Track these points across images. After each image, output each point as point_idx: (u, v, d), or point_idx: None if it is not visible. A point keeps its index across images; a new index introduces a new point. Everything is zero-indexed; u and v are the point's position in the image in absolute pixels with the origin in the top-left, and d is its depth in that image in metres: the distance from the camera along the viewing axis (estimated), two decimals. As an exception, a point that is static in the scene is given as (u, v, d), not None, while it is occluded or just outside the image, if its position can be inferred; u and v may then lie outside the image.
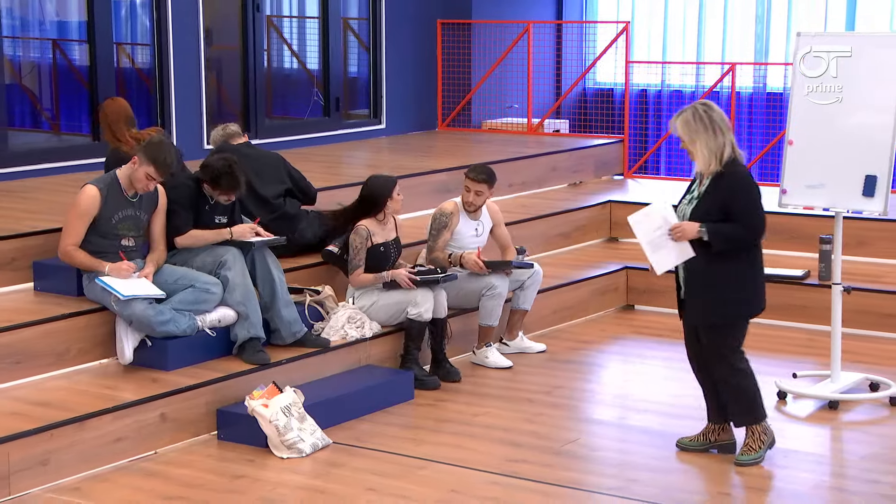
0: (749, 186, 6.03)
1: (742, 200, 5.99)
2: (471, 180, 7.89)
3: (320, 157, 10.72)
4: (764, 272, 6.27)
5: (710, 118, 5.96)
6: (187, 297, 6.77)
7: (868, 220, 9.04)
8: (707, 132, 5.96)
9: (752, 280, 6.17)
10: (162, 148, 6.71)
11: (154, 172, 6.68)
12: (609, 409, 7.23)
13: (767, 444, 6.20)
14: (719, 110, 6.04)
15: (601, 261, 9.62)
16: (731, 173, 5.99)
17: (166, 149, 6.73)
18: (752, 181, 6.09)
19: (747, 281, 6.13)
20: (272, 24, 11.57)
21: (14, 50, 9.85)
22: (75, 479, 5.93)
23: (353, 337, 7.34)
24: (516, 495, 5.78)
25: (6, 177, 9.19)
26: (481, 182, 7.86)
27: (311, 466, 6.16)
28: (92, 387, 6.45)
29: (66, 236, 6.75)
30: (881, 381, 7.33)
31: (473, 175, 7.89)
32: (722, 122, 5.99)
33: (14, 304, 6.85)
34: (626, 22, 12.30)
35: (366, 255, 7.47)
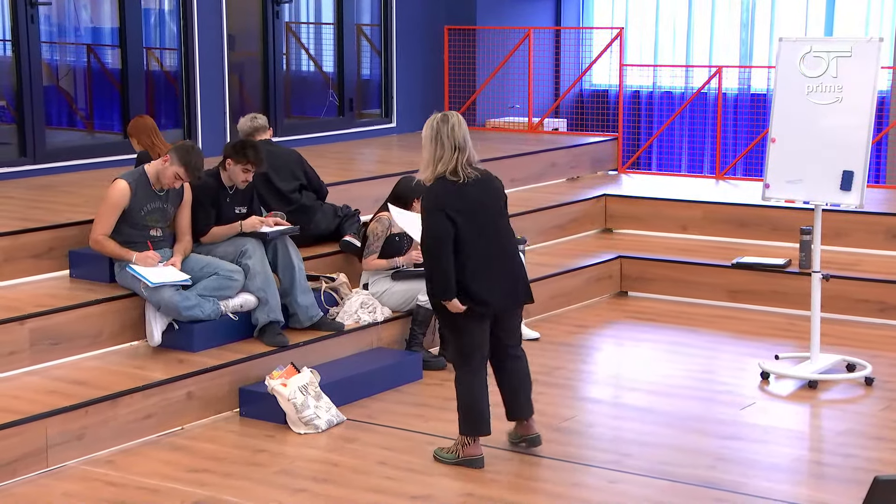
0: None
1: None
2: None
3: (334, 154, 10.71)
4: (482, 275, 5.69)
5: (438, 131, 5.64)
6: (211, 283, 6.77)
7: (845, 212, 9.02)
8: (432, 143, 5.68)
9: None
10: (193, 152, 6.75)
11: (183, 174, 6.70)
12: (604, 389, 7.22)
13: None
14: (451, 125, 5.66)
15: (596, 250, 9.60)
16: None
17: (196, 154, 6.77)
18: (427, 204, 5.68)
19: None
20: (290, 31, 11.55)
21: (52, 54, 9.84)
22: (108, 452, 5.94)
23: (366, 321, 7.33)
24: (517, 469, 5.78)
25: (44, 172, 9.19)
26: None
27: (327, 441, 6.16)
28: (124, 367, 6.46)
29: (97, 227, 6.75)
30: (857, 362, 7.32)
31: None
32: (447, 138, 5.63)
33: (51, 291, 6.85)
34: (621, 28, 12.26)
35: (382, 243, 7.47)
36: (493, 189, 5.80)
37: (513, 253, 5.86)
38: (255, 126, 8.01)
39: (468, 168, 5.67)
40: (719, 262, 9.11)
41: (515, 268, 5.87)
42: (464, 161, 5.65)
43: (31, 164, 9.15)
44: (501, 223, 5.82)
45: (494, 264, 5.75)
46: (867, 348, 7.82)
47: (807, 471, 5.88)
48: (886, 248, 9.20)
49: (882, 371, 7.30)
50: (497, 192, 5.83)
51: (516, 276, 5.85)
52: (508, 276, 5.81)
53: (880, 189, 10.90)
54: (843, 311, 8.55)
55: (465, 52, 12.65)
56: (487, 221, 5.74)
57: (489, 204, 5.75)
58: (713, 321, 8.63)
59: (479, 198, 5.70)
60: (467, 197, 5.66)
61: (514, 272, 5.85)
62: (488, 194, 5.76)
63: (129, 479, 5.61)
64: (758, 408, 6.74)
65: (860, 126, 6.87)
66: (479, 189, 5.70)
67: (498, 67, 12.48)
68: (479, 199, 5.70)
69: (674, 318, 8.71)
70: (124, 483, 5.56)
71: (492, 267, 5.74)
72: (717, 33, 13.70)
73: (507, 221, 5.87)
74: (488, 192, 5.76)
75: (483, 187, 5.73)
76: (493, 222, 5.76)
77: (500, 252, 5.78)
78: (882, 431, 6.36)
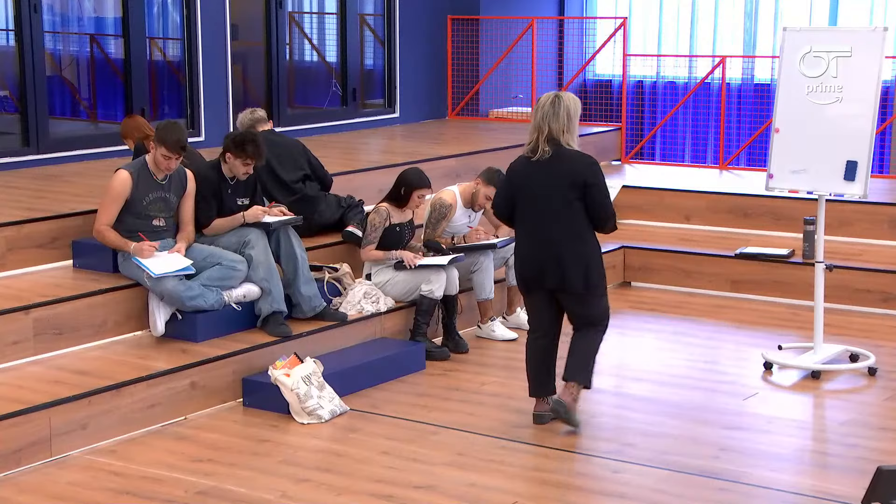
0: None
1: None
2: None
3: (338, 144, 10.70)
4: (530, 250, 6.01)
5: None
6: (215, 273, 6.77)
7: (849, 202, 9.01)
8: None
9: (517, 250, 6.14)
10: (167, 129, 6.70)
11: (166, 151, 6.67)
12: (607, 379, 7.22)
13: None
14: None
15: (600, 240, 9.56)
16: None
17: (173, 129, 6.70)
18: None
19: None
20: (294, 20, 11.53)
21: (55, 44, 9.83)
22: (112, 441, 5.95)
23: (369, 311, 7.33)
24: (520, 458, 5.78)
25: (48, 162, 9.19)
26: None
27: (330, 431, 6.17)
28: (127, 357, 6.46)
29: (100, 217, 6.76)
30: (860, 352, 7.31)
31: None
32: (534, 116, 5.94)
33: (55, 280, 6.86)
34: (624, 17, 12.23)
35: (381, 233, 7.47)
36: (564, 171, 5.87)
37: (568, 236, 5.90)
38: (255, 119, 8.00)
39: (546, 146, 5.87)
40: (722, 253, 9.10)
41: (565, 252, 5.90)
42: (542, 139, 5.86)
43: (35, 154, 9.15)
44: (560, 205, 5.88)
45: (539, 243, 5.95)
46: (870, 338, 7.81)
47: (810, 461, 5.88)
48: (890, 238, 9.19)
49: (885, 361, 7.30)
50: (566, 175, 5.86)
51: (562, 260, 5.90)
52: (552, 258, 5.92)
53: (884, 179, 10.89)
54: (846, 302, 8.55)
55: (469, 41, 12.63)
56: (545, 201, 5.90)
57: (552, 185, 5.88)
58: (716, 311, 8.62)
59: (542, 178, 5.89)
60: (532, 175, 5.92)
61: (562, 255, 5.91)
62: (555, 176, 5.87)
63: (132, 468, 5.62)
64: (761, 398, 6.73)
65: (864, 116, 6.85)
66: (547, 169, 5.88)
67: (501, 57, 12.46)
68: (543, 179, 5.89)
69: (677, 308, 8.70)
70: (128, 472, 5.57)
71: (536, 245, 5.96)
72: (720, 23, 13.67)
73: (570, 204, 5.87)
74: (555, 174, 5.87)
75: (552, 169, 5.87)
76: (550, 203, 5.90)
77: (550, 232, 5.91)
78: (885, 421, 6.36)
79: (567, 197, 5.87)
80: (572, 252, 5.91)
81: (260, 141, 7.04)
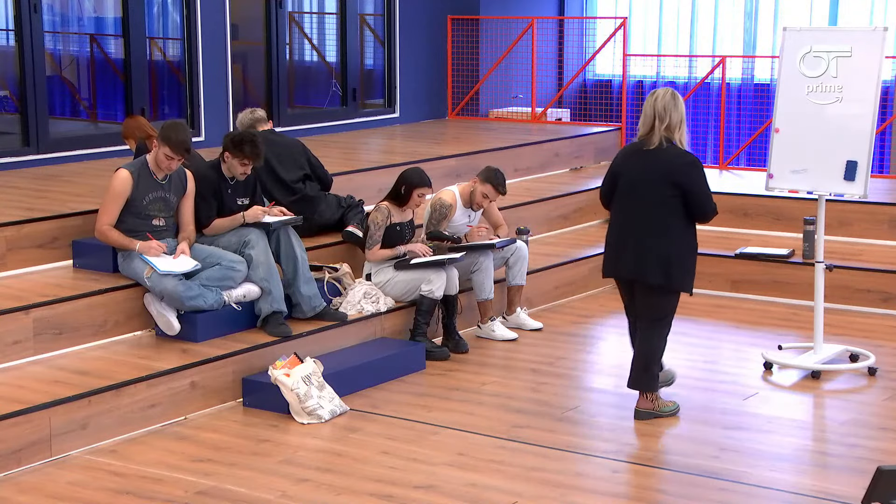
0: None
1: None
2: (495, 191, 7.81)
3: (338, 144, 10.70)
4: (614, 239, 6.22)
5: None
6: (214, 273, 6.77)
7: (849, 202, 9.01)
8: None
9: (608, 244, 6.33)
10: (172, 128, 6.69)
11: (170, 152, 6.67)
12: (607, 379, 7.22)
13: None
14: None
15: (600, 240, 9.50)
16: None
17: (178, 129, 6.70)
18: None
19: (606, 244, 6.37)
20: (294, 20, 11.53)
21: (55, 44, 9.83)
22: (112, 441, 5.95)
23: (369, 311, 7.33)
24: (520, 458, 5.78)
25: (48, 162, 9.19)
26: (502, 194, 7.86)
27: (330, 431, 6.17)
28: (127, 356, 6.46)
29: (101, 216, 6.76)
30: (860, 352, 7.31)
31: (499, 188, 7.80)
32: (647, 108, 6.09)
33: (55, 280, 6.85)
34: (624, 17, 12.24)
35: (383, 232, 7.48)
36: (665, 168, 6.00)
37: (657, 230, 6.03)
38: (255, 118, 8.00)
39: (655, 137, 6.03)
40: (722, 252, 9.10)
41: (652, 245, 6.03)
42: (660, 130, 6.00)
43: (35, 154, 9.15)
44: (653, 199, 6.02)
45: (628, 233, 6.11)
46: (870, 338, 7.81)
47: (810, 461, 5.88)
48: (889, 238, 9.19)
49: (885, 361, 7.30)
50: (666, 173, 5.99)
51: (646, 254, 6.04)
52: (637, 249, 6.07)
53: (884, 179, 10.89)
54: (846, 301, 8.55)
55: (469, 41, 12.63)
56: (642, 191, 6.05)
57: (649, 179, 6.03)
58: (716, 311, 8.62)
59: (643, 169, 6.06)
60: (635, 165, 6.10)
61: (647, 248, 6.04)
62: (655, 170, 6.02)
63: (132, 468, 5.62)
64: (761, 398, 6.74)
65: (864, 116, 6.85)
66: (650, 162, 6.04)
67: (501, 57, 12.46)
68: (643, 171, 6.05)
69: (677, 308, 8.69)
70: (128, 472, 5.57)
71: (623, 234, 6.14)
72: (720, 23, 13.68)
73: (664, 201, 6.00)
74: (656, 168, 6.02)
75: (655, 163, 6.03)
76: (644, 195, 6.05)
77: (639, 223, 6.07)
78: (885, 421, 6.36)
79: (663, 193, 6.00)
80: (656, 246, 6.04)
81: (258, 141, 7.02)
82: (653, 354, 6.23)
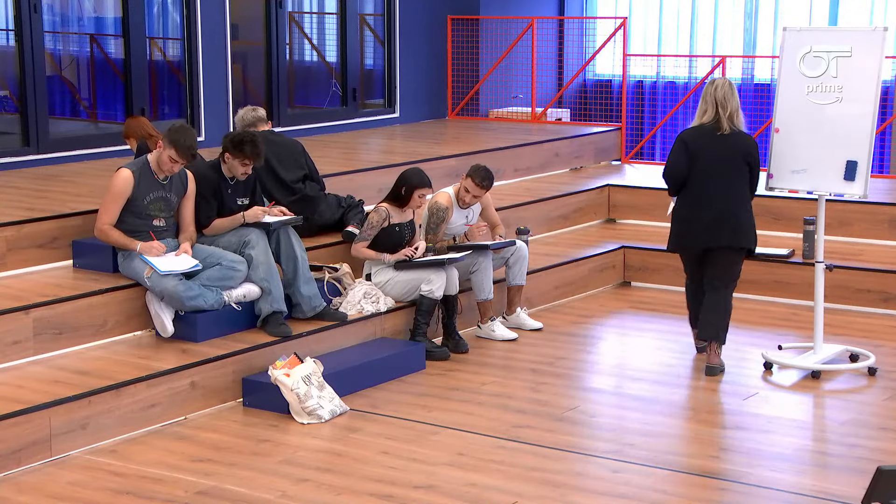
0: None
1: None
2: (476, 186, 7.78)
3: (338, 144, 10.70)
4: (695, 213, 6.94)
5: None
6: (215, 273, 6.77)
7: (849, 202, 9.01)
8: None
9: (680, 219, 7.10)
10: (182, 132, 6.69)
11: (175, 155, 6.67)
12: (607, 379, 7.22)
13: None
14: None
15: (600, 240, 9.60)
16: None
17: (185, 133, 6.70)
18: (679, 137, 7.04)
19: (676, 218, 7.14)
20: (294, 20, 11.53)
21: (55, 44, 9.84)
22: (112, 441, 5.95)
23: (369, 311, 7.33)
24: (520, 458, 5.78)
25: (48, 162, 9.20)
26: (484, 189, 7.81)
27: (330, 431, 6.17)
28: (128, 356, 6.46)
29: (101, 216, 6.76)
30: (860, 352, 7.31)
31: (480, 182, 7.75)
32: (710, 96, 6.92)
33: (55, 280, 6.86)
34: (624, 17, 12.24)
35: (380, 233, 7.47)
36: (740, 148, 6.88)
37: (736, 201, 6.89)
38: (257, 116, 8.00)
39: (727, 123, 6.86)
40: (722, 252, 9.08)
41: (731, 214, 6.88)
42: (725, 116, 6.85)
43: (35, 154, 9.16)
44: (734, 175, 6.88)
45: (706, 205, 6.90)
46: (870, 338, 7.81)
47: (810, 461, 5.88)
48: (889, 238, 9.19)
49: (885, 361, 7.30)
50: (742, 152, 6.87)
51: (726, 221, 6.87)
52: (717, 217, 6.87)
53: (884, 179, 10.89)
54: (846, 301, 8.55)
55: (469, 41, 12.63)
56: (723, 169, 6.86)
57: (729, 157, 6.87)
58: (716, 311, 8.61)
59: (721, 150, 6.86)
60: (710, 146, 6.87)
61: (726, 217, 6.87)
62: (732, 150, 6.87)
63: (132, 468, 5.62)
64: (761, 398, 6.74)
65: (864, 116, 6.85)
66: (726, 143, 6.86)
67: (501, 57, 12.46)
68: (722, 151, 6.87)
69: (677, 308, 8.69)
70: (128, 472, 5.57)
71: (702, 206, 6.91)
72: (720, 23, 13.68)
73: (743, 175, 6.90)
74: (732, 148, 6.87)
75: (731, 143, 6.87)
76: (725, 171, 6.87)
77: (726, 196, 6.87)
78: (885, 421, 6.36)
79: (741, 170, 6.89)
80: (745, 215, 6.92)
81: (258, 141, 7.02)
82: (730, 310, 7.09)
